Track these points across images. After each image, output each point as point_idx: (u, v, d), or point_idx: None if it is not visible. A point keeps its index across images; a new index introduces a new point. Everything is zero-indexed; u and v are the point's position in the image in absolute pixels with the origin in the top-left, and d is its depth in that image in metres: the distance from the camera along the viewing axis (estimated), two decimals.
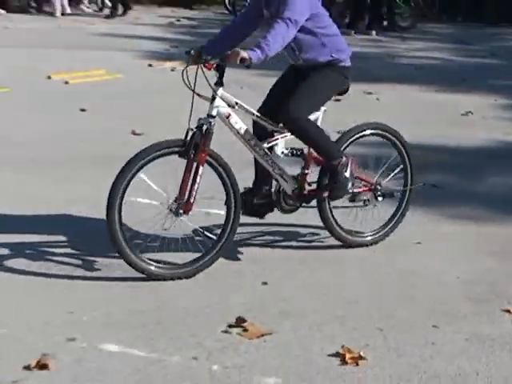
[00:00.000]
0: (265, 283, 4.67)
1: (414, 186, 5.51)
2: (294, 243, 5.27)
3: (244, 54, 4.48)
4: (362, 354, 3.85)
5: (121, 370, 3.69)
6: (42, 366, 3.64)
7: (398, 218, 5.50)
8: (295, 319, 4.25)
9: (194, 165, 4.65)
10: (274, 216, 5.14)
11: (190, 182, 4.66)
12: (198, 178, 4.66)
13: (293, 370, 3.74)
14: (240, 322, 4.14)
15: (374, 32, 14.98)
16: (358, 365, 3.78)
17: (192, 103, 4.60)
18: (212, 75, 4.67)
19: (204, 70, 4.64)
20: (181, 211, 4.68)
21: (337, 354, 3.87)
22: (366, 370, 3.75)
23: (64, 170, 6.55)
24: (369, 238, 5.36)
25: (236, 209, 4.81)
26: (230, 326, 4.11)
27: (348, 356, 3.83)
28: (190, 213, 4.71)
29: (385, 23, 15.72)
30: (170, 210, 4.68)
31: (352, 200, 5.29)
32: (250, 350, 3.91)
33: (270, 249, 5.12)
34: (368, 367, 3.78)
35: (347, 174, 5.01)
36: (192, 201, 4.68)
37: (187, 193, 4.67)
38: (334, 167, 4.99)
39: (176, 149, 4.63)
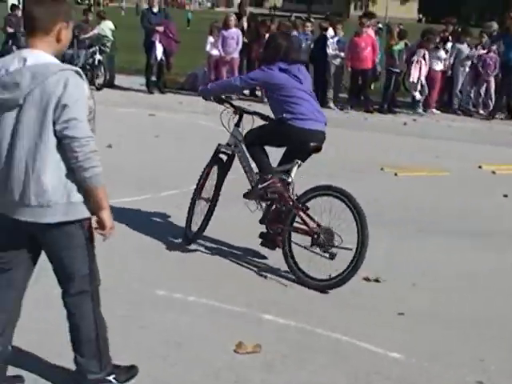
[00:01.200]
0: None
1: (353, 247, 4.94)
2: None
3: (200, 87, 6.00)
4: None
5: None
6: None
7: (349, 271, 4.90)
8: None
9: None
10: None
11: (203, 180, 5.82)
12: (206, 176, 5.80)
13: None
14: None
15: None
16: None
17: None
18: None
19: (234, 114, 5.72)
20: (195, 197, 5.84)
21: None
22: None
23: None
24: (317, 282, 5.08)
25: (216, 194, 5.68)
26: None
27: None
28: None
29: None
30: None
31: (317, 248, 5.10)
32: None
33: None
34: None
35: (260, 187, 5.35)
36: (200, 191, 5.80)
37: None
38: (259, 178, 5.42)
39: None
